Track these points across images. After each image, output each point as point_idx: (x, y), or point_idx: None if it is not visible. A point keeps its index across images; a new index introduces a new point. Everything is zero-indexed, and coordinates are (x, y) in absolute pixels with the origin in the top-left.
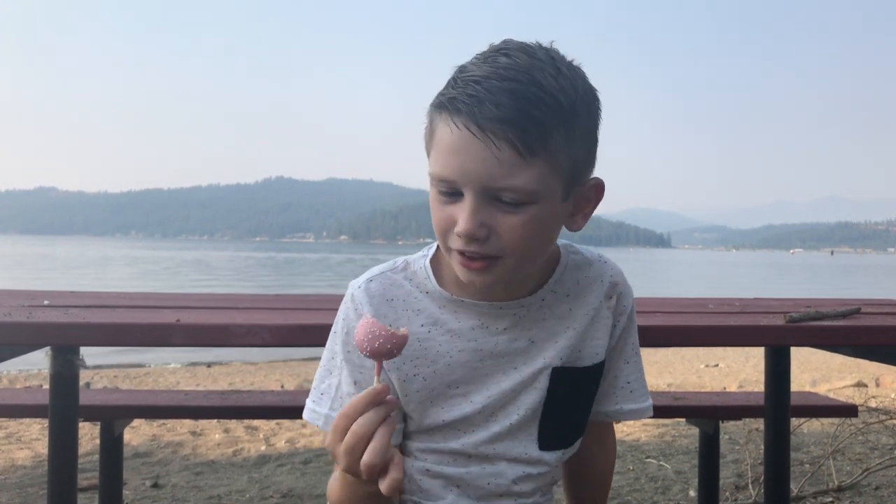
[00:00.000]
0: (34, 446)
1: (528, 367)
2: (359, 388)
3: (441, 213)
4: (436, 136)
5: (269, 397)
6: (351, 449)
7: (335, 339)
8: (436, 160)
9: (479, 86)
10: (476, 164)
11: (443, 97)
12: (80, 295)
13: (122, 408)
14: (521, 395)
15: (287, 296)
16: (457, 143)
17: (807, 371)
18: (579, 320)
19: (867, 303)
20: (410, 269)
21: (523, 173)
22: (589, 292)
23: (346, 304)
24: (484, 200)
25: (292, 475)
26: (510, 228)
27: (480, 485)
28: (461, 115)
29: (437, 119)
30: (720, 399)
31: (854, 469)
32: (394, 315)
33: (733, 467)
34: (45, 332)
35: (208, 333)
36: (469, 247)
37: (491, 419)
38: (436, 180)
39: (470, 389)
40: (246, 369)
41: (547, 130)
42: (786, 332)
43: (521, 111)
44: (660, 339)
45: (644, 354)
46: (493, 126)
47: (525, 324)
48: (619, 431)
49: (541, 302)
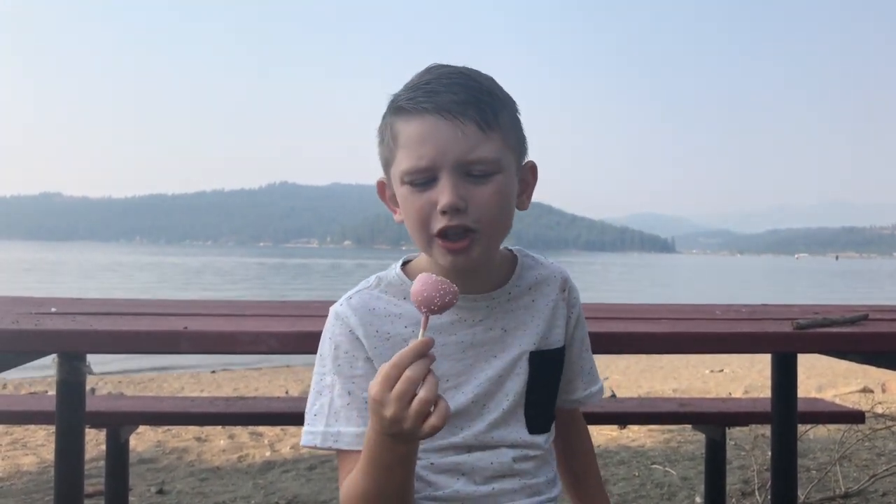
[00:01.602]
0: (39, 452)
1: (506, 354)
2: (353, 397)
3: (418, 202)
4: (400, 137)
5: (275, 404)
6: (402, 394)
7: (322, 361)
8: (405, 157)
9: (430, 85)
10: (447, 143)
11: (400, 102)
12: (86, 302)
13: (129, 414)
14: (507, 382)
15: (293, 302)
16: (426, 132)
17: (812, 376)
18: (542, 310)
19: (875, 309)
20: (384, 282)
21: (486, 145)
22: (546, 286)
23: (330, 323)
24: (458, 176)
25: (297, 481)
26: (483, 198)
27: (484, 466)
28: (426, 105)
29: (398, 122)
30: (726, 405)
31: (861, 475)
32: (378, 322)
33: (739, 473)
34: (54, 340)
35: (216, 340)
36: (452, 221)
37: (484, 409)
38: (409, 174)
39: (460, 381)
40: (250, 375)
41: (496, 110)
42: (794, 338)
43: (473, 96)
44: (667, 346)
45: (649, 360)
46: (456, 108)
47: (496, 315)
48: (625, 437)
49: (507, 295)
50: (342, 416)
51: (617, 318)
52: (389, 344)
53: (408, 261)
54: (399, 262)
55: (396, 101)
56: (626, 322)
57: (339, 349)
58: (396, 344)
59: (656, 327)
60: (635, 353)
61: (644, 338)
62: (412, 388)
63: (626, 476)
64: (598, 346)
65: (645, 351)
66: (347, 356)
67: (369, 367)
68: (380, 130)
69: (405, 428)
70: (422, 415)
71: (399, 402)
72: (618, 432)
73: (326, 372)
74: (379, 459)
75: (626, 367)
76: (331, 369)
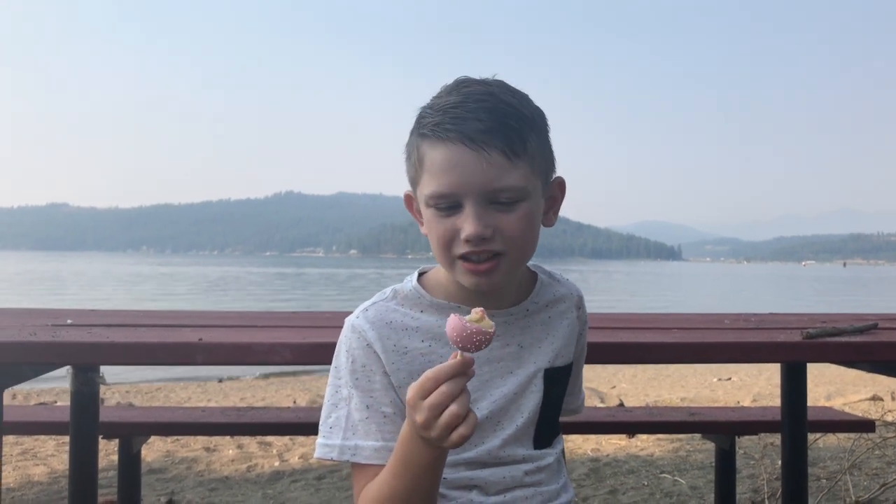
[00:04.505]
0: (50, 462)
1: (522, 371)
2: (371, 411)
3: (442, 226)
4: (426, 161)
5: (285, 414)
6: (435, 406)
7: (338, 373)
8: (430, 181)
9: (457, 109)
10: (472, 173)
11: (425, 126)
12: (101, 314)
13: (141, 425)
14: (522, 399)
15: (306, 313)
16: (451, 160)
17: (821, 384)
18: (557, 328)
19: (884, 317)
20: (399, 295)
21: (512, 173)
22: (563, 304)
23: (346, 336)
24: (483, 204)
25: (306, 491)
26: (510, 225)
27: (497, 481)
28: (451, 134)
29: (424, 146)
30: (736, 414)
31: (871, 484)
32: (395, 336)
33: (749, 482)
34: (71, 352)
35: (231, 352)
36: (477, 247)
37: (498, 426)
38: (434, 199)
39: (476, 397)
40: (257, 384)
41: (524, 136)
42: (803, 348)
43: (500, 123)
44: (677, 355)
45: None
46: (482, 137)
47: (513, 331)
48: (633, 447)
49: (525, 311)
50: (360, 429)
51: (626, 328)
52: (407, 358)
53: (423, 272)
54: (415, 273)
55: (422, 125)
56: (635, 332)
57: (356, 363)
58: (414, 358)
59: (665, 337)
60: (645, 363)
61: (653, 348)
62: (446, 401)
63: (635, 485)
64: (607, 357)
65: (654, 361)
66: (365, 370)
67: (387, 381)
68: (407, 148)
69: (433, 436)
70: (450, 427)
71: (431, 411)
72: (626, 441)
73: (342, 384)
74: (410, 459)
75: (634, 375)
76: (348, 382)
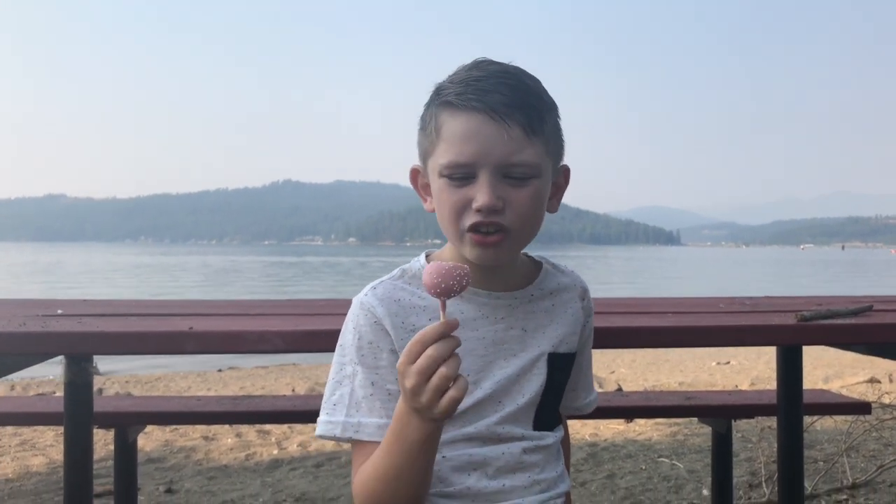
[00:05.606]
0: (48, 453)
1: (526, 354)
2: (376, 388)
3: (454, 196)
4: (443, 130)
5: (282, 402)
6: (425, 368)
7: (343, 351)
8: (448, 150)
9: (480, 83)
10: (491, 144)
11: (447, 96)
12: (92, 303)
13: (137, 414)
14: (524, 381)
15: (298, 301)
16: (472, 130)
17: (819, 367)
18: (561, 315)
19: (879, 300)
20: (408, 274)
21: (529, 150)
22: (567, 293)
23: (354, 313)
24: (497, 177)
25: (305, 479)
26: (520, 199)
27: (496, 457)
28: (475, 104)
29: (443, 114)
30: (732, 398)
31: (868, 466)
32: (404, 314)
33: (746, 465)
34: (61, 342)
35: (221, 340)
36: (487, 218)
37: (499, 405)
38: (449, 168)
39: (480, 377)
40: (256, 373)
41: (542, 115)
42: (798, 331)
43: (522, 99)
44: (672, 339)
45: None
46: (504, 110)
47: (518, 314)
48: (631, 431)
49: (530, 296)
50: (364, 406)
51: (621, 312)
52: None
53: (429, 255)
54: (422, 254)
55: (444, 94)
56: (630, 317)
57: (363, 339)
58: None
59: (661, 321)
60: (640, 347)
61: (649, 332)
62: (434, 365)
63: (633, 469)
64: (603, 342)
65: (650, 345)
66: (371, 346)
67: (394, 358)
68: (422, 118)
69: (423, 401)
70: (440, 390)
71: (420, 375)
72: (624, 426)
73: (347, 362)
74: (404, 435)
75: (633, 360)
76: (353, 359)
